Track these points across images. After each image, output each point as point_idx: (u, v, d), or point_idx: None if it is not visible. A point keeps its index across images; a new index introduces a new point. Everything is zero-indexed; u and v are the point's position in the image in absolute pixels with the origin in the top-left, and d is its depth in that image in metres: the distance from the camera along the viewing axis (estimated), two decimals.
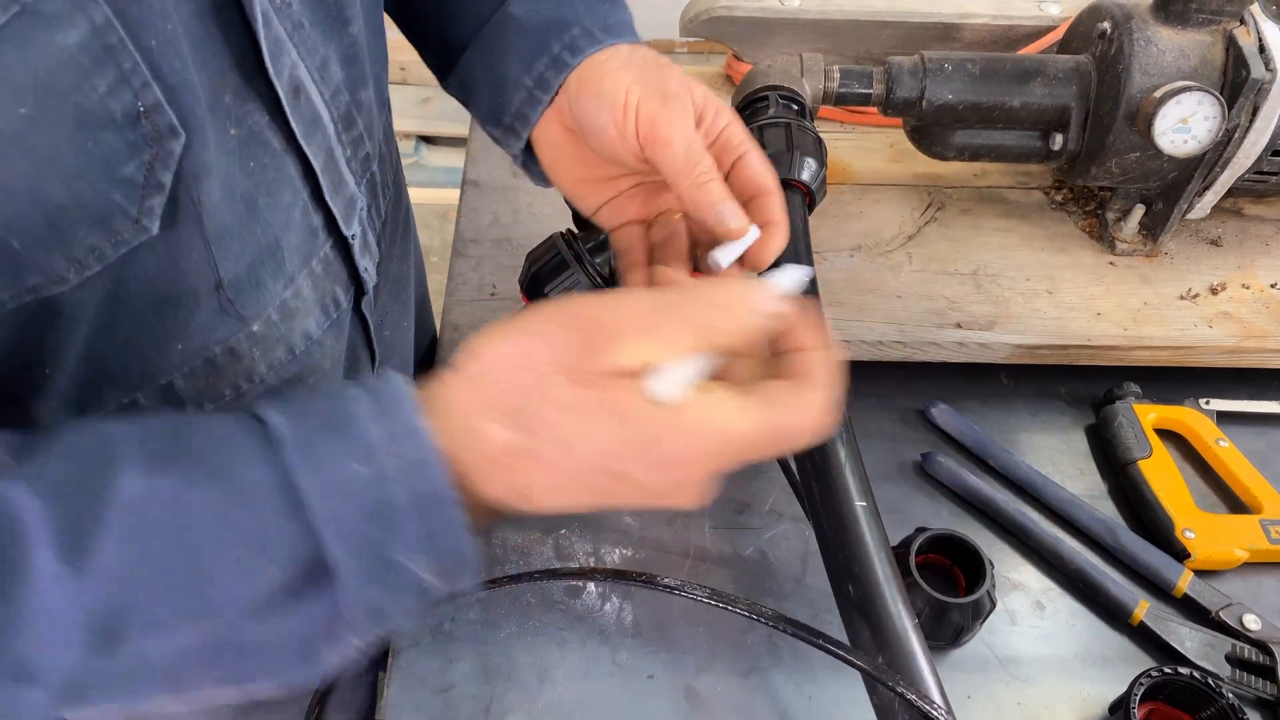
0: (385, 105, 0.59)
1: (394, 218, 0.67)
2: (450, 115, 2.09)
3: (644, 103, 0.47)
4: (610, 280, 0.70)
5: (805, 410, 0.37)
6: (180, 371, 0.45)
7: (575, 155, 0.54)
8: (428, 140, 2.16)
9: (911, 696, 0.47)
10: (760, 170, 0.49)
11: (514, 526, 0.70)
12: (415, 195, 0.89)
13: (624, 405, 0.35)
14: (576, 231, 0.73)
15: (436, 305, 0.85)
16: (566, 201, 0.76)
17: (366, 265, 0.55)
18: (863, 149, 0.87)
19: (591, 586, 0.67)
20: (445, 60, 0.58)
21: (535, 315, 0.37)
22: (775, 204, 0.49)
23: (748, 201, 0.48)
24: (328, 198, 0.49)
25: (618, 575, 0.55)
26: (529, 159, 0.57)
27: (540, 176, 0.58)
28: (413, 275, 0.77)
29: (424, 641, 0.63)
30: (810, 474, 0.55)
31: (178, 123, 0.37)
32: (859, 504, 0.53)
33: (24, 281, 0.35)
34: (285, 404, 0.36)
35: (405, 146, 2.13)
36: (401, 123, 2.09)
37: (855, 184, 0.85)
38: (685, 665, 0.63)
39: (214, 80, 0.39)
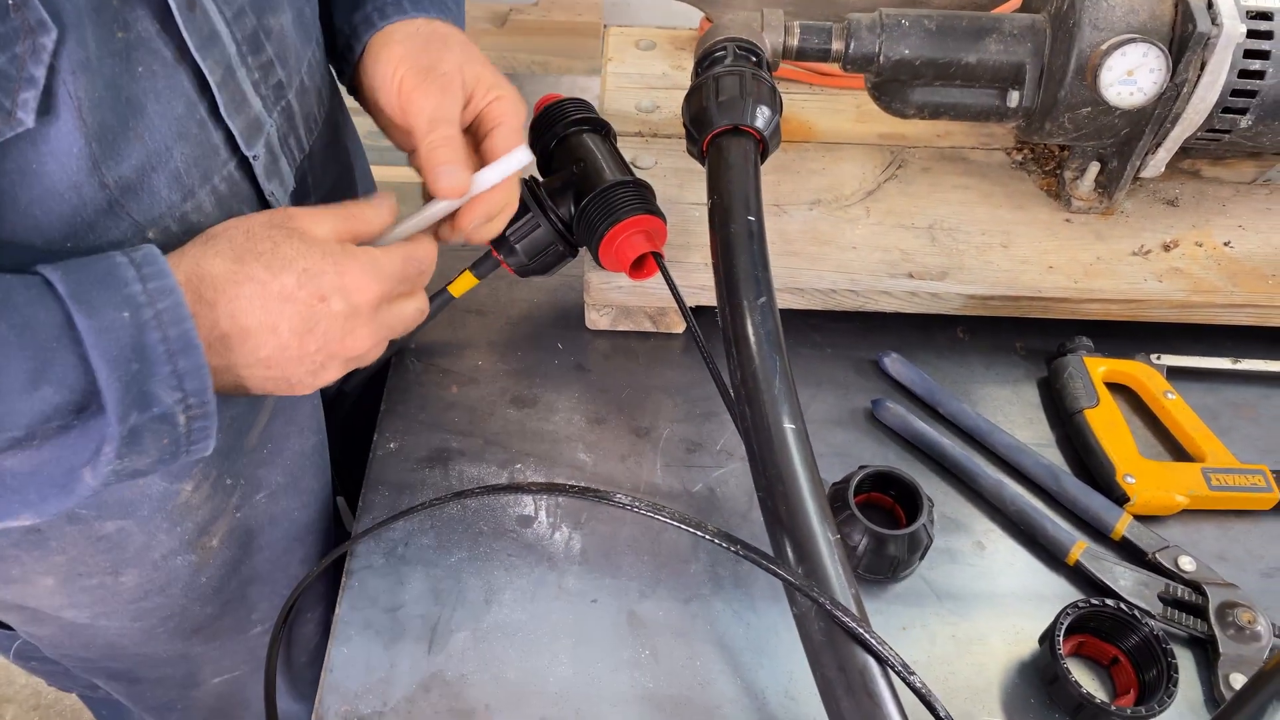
0: (314, 42, 0.60)
1: (331, 155, 0.68)
2: None
3: (406, 78, 0.57)
4: (570, 225, 0.72)
5: (419, 248, 0.53)
6: None
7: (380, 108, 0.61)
8: None
9: (823, 601, 0.48)
10: (501, 143, 0.58)
11: (471, 460, 0.72)
12: (394, 173, 0.91)
13: (316, 240, 0.48)
14: (540, 179, 0.75)
15: None
16: (532, 150, 0.78)
17: (273, 190, 0.56)
18: (829, 109, 0.89)
19: (542, 515, 0.69)
20: None
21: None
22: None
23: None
24: (225, 115, 0.50)
25: (552, 488, 0.57)
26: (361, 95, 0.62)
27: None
28: None
29: (377, 564, 0.66)
30: (744, 399, 0.56)
31: (48, 17, 0.38)
32: (788, 426, 0.55)
33: None
34: (64, 264, 0.42)
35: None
36: None
37: (820, 142, 0.86)
38: (629, 591, 0.65)
39: None
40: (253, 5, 0.51)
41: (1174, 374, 0.77)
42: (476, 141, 0.60)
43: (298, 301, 0.47)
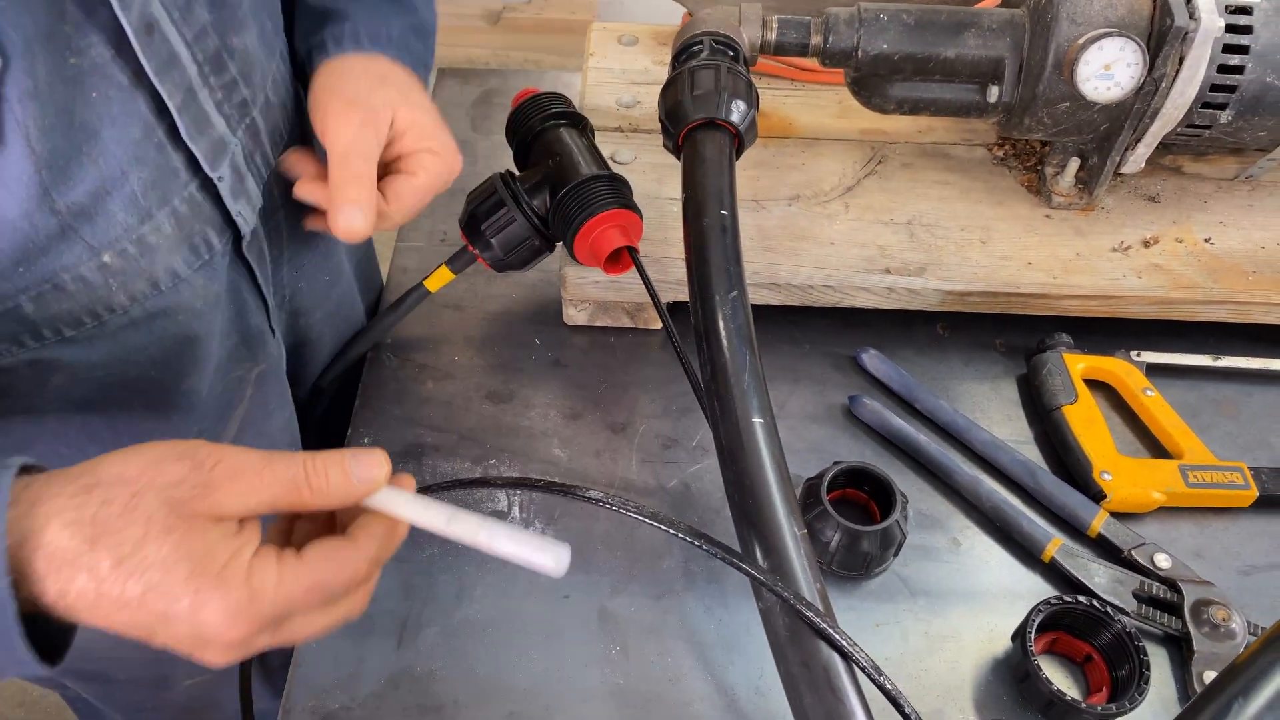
0: (279, 56, 0.60)
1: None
2: None
3: (329, 105, 0.56)
4: (545, 220, 0.72)
5: (346, 567, 0.42)
6: (27, 294, 0.47)
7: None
8: None
9: (787, 595, 0.48)
10: (407, 195, 0.60)
11: (445, 456, 0.71)
12: None
13: (199, 546, 0.38)
14: (516, 173, 0.75)
15: (388, 254, 0.87)
16: (509, 143, 0.78)
17: (240, 210, 0.56)
18: (809, 105, 0.89)
19: (516, 512, 0.68)
20: None
21: (163, 446, 0.40)
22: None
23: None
24: (186, 138, 0.50)
25: (521, 483, 0.56)
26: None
27: None
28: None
29: None
30: (713, 393, 0.56)
31: None
32: (756, 420, 0.54)
33: None
34: None
35: None
36: None
37: (800, 138, 0.86)
38: (601, 587, 0.65)
39: (50, 9, 0.40)
40: (215, 24, 0.50)
41: (1153, 371, 0.76)
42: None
43: (136, 611, 0.38)
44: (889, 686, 0.48)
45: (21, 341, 0.49)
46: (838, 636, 0.48)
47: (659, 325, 0.80)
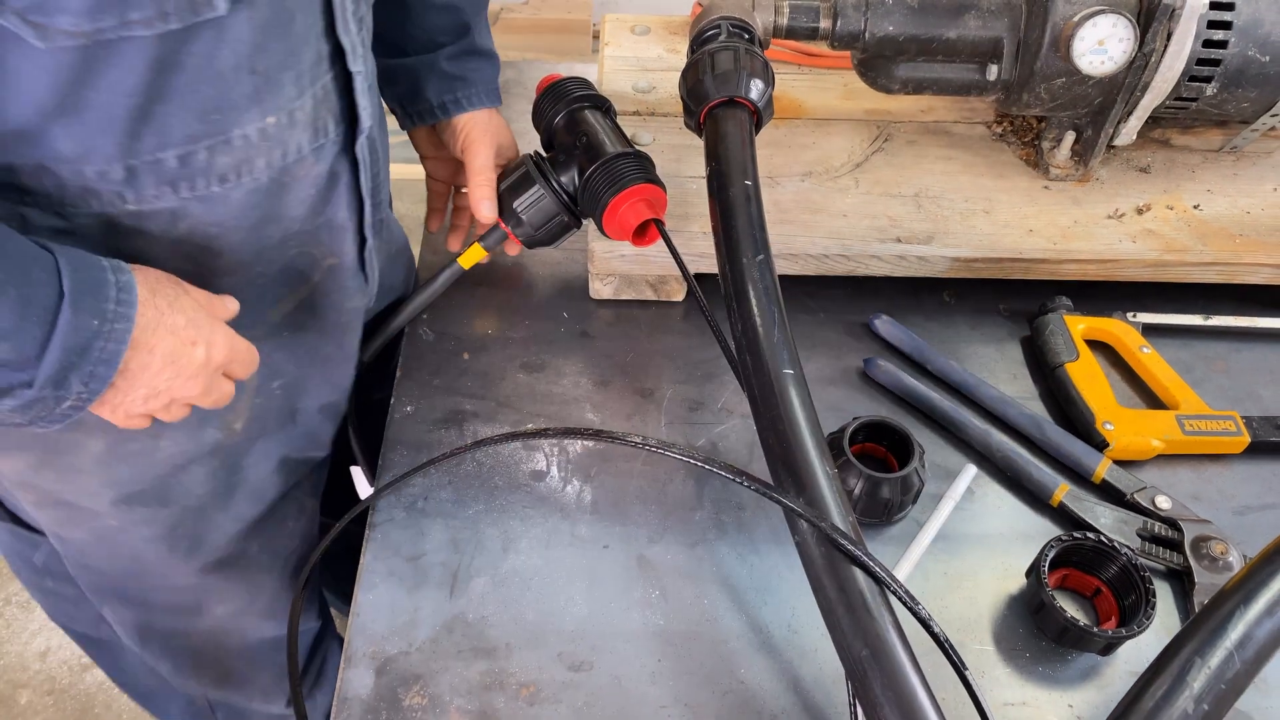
0: (367, 4, 0.67)
1: (377, 90, 0.73)
2: None
3: (471, 132, 0.81)
4: (574, 197, 0.76)
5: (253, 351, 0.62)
6: (205, 143, 0.55)
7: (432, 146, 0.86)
8: None
9: (823, 525, 0.52)
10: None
11: (485, 421, 0.75)
12: (403, 170, 0.98)
13: (207, 310, 0.59)
14: (544, 154, 0.79)
15: (418, 236, 0.91)
16: (536, 128, 0.82)
17: (365, 105, 0.64)
18: (817, 88, 0.93)
19: (555, 470, 0.72)
20: (381, 52, 0.74)
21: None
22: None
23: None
24: (341, 32, 0.58)
25: (570, 432, 0.60)
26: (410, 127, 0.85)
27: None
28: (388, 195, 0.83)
29: (398, 517, 0.69)
30: (745, 349, 0.60)
31: None
32: (787, 371, 0.58)
33: (124, 14, 0.46)
34: (70, 259, 0.51)
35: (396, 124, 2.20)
36: None
37: (810, 119, 0.90)
38: (638, 538, 0.69)
39: None
40: None
41: (1149, 330, 0.81)
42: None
43: (177, 337, 0.56)
44: (918, 609, 0.53)
45: (179, 188, 0.56)
46: (870, 562, 0.52)
47: (680, 298, 0.84)
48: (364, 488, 0.88)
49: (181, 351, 0.56)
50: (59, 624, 0.97)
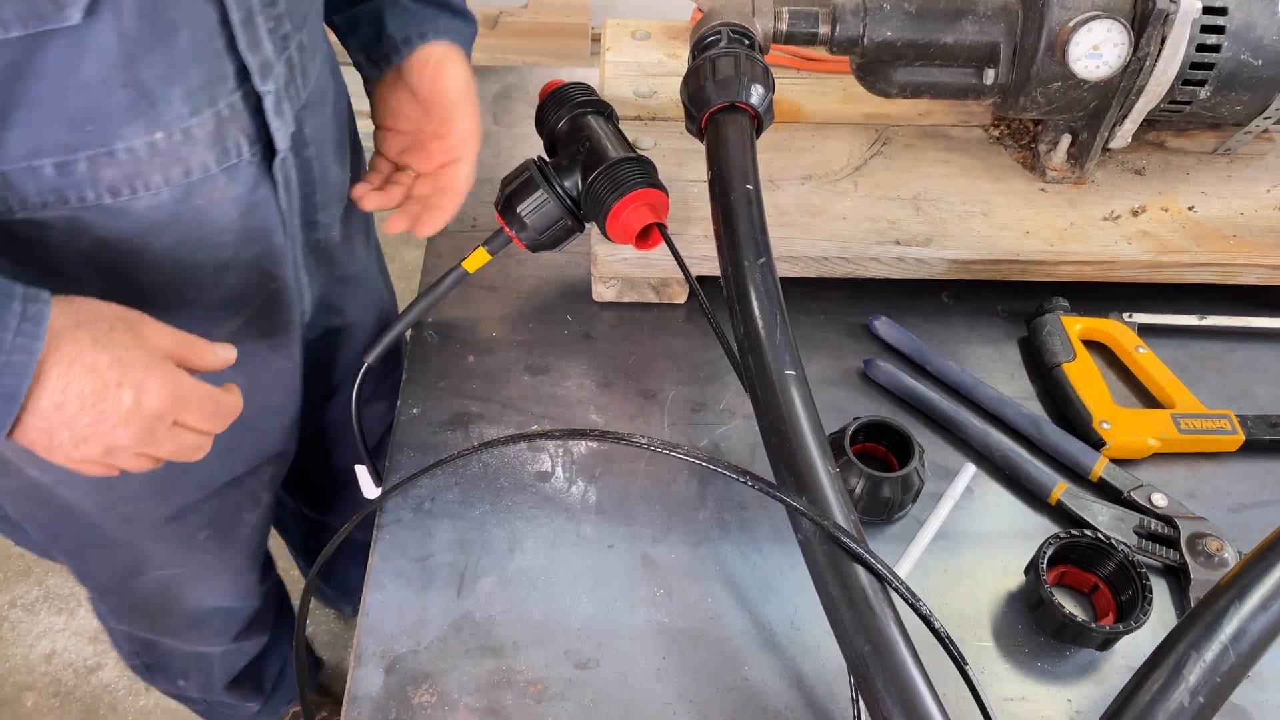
0: (315, 12, 0.67)
1: (327, 110, 0.72)
2: None
3: (459, 98, 0.74)
4: (577, 201, 0.77)
5: (225, 399, 0.60)
6: (85, 152, 0.54)
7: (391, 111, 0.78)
8: None
9: (826, 523, 0.53)
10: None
11: (491, 423, 0.76)
12: None
13: (146, 343, 0.55)
14: (547, 159, 0.80)
15: (422, 240, 0.92)
16: (539, 133, 0.83)
17: (279, 126, 0.62)
18: (816, 92, 0.94)
19: (560, 471, 0.73)
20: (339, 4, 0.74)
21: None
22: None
23: None
24: (243, 50, 0.57)
25: (577, 433, 0.61)
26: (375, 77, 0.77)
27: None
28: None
29: (405, 518, 0.70)
30: (747, 350, 0.61)
31: None
32: (789, 373, 0.59)
33: None
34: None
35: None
36: None
37: (808, 123, 0.91)
38: (642, 537, 0.70)
39: None
40: None
41: (1145, 331, 0.82)
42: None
43: (97, 377, 0.52)
44: (919, 605, 0.54)
45: (67, 197, 0.56)
46: (872, 560, 0.53)
47: (682, 300, 0.85)
48: (368, 486, 0.89)
49: (103, 394, 0.53)
50: (28, 550, 0.99)
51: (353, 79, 0.80)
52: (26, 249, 0.57)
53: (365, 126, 0.81)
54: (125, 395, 0.53)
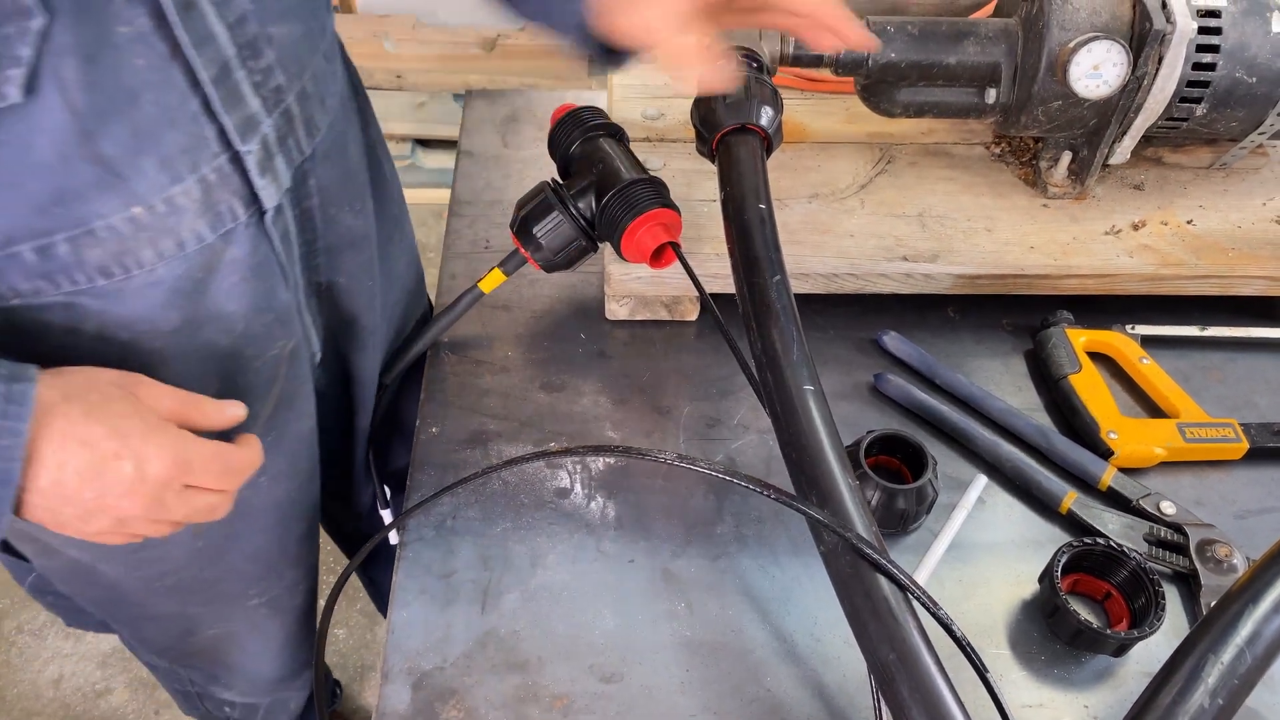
0: (322, 55, 0.63)
1: (341, 165, 0.69)
2: (444, 119, 2.19)
3: None
4: (591, 224, 0.78)
5: (235, 453, 0.58)
6: (62, 234, 0.50)
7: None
8: (423, 143, 2.27)
9: (849, 535, 0.54)
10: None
11: (509, 440, 0.77)
12: (411, 196, 0.97)
13: (145, 407, 0.53)
14: (562, 180, 0.81)
15: (437, 258, 0.93)
16: (552, 156, 0.85)
17: (265, 186, 0.58)
18: (820, 112, 0.96)
19: (579, 488, 0.74)
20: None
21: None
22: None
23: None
24: (218, 111, 0.53)
25: (598, 449, 0.62)
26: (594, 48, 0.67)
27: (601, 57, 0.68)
28: (379, 237, 0.78)
29: (428, 536, 0.71)
30: (765, 367, 0.63)
31: (36, 3, 0.42)
32: (808, 388, 0.61)
33: None
34: None
35: (401, 149, 2.22)
36: (398, 126, 2.18)
37: (814, 142, 0.93)
38: (662, 551, 0.71)
39: None
40: (256, 14, 0.54)
41: (1147, 342, 0.84)
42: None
43: (94, 450, 0.50)
44: (941, 613, 0.55)
45: (57, 282, 0.52)
46: (895, 570, 0.54)
47: (693, 317, 0.87)
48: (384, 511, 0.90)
49: (102, 467, 0.50)
50: (78, 628, 0.99)
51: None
52: (32, 342, 0.54)
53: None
54: (126, 466, 0.51)
